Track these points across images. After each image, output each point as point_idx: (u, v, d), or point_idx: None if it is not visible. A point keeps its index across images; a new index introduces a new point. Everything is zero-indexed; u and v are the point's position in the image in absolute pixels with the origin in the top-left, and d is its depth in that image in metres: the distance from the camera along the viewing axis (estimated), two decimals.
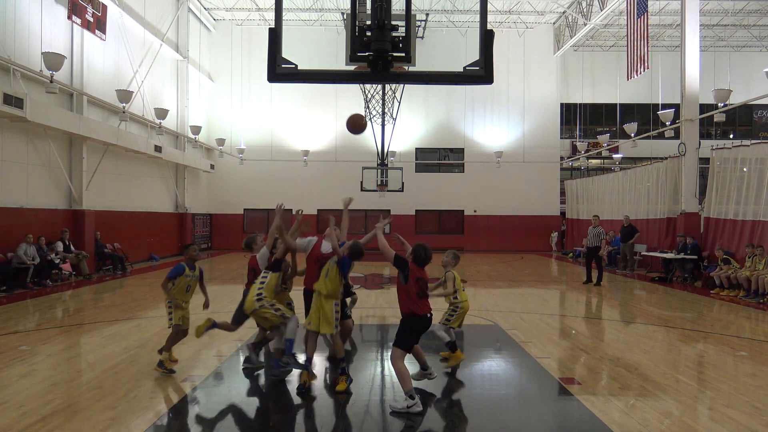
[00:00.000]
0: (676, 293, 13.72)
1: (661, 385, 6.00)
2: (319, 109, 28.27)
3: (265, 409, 5.57)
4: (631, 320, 10.21)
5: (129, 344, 7.69)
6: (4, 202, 13.55)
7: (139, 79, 19.44)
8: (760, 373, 6.57)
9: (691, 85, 16.56)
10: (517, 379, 6.47)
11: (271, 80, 4.86)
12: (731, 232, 14.63)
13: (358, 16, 5.75)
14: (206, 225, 27.85)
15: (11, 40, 13.67)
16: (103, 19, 16.28)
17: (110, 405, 5.30)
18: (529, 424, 5.02)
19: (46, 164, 15.15)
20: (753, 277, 12.25)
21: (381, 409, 5.37)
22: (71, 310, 11.25)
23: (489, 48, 4.74)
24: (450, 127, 28.80)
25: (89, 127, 15.84)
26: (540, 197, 28.73)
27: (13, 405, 5.24)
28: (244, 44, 27.99)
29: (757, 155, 14.13)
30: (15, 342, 7.80)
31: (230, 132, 27.87)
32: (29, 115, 13.00)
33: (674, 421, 5.00)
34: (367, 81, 13.78)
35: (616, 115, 29.58)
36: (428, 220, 28.64)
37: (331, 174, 27.98)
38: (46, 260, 13.80)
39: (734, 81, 26.10)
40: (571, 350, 7.76)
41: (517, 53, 28.29)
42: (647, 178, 19.53)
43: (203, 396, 5.72)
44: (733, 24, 27.20)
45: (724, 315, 10.88)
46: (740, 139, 27.49)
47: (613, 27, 27.18)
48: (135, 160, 19.99)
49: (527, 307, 11.29)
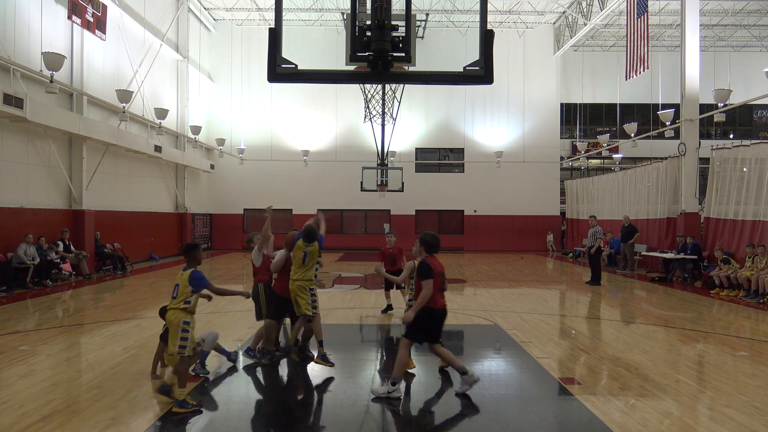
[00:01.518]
0: (676, 293, 13.72)
1: (661, 385, 6.00)
2: (319, 109, 28.28)
3: (265, 409, 5.57)
4: (631, 320, 10.21)
5: (129, 344, 7.69)
6: (4, 202, 13.55)
7: (139, 79, 19.44)
8: (760, 373, 6.57)
9: (691, 85, 16.56)
10: (517, 379, 6.47)
11: (271, 80, 4.86)
12: (731, 232, 14.63)
13: (358, 16, 5.75)
14: (206, 225, 27.85)
15: (11, 40, 13.67)
16: (103, 19, 16.28)
17: (110, 405, 5.30)
18: (529, 424, 5.02)
19: (46, 164, 15.15)
20: (753, 277, 12.25)
21: (381, 409, 5.37)
22: (71, 310, 11.24)
23: (489, 48, 4.74)
24: (450, 127, 28.81)
25: (89, 127, 15.84)
26: (540, 197, 28.73)
27: (13, 405, 5.23)
28: (244, 44, 28.00)
29: (757, 155, 14.12)
30: (15, 342, 7.80)
31: (230, 132, 27.87)
32: (29, 115, 13.00)
33: (674, 421, 5.00)
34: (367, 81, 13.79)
35: (616, 115, 29.58)
36: (428, 220, 28.63)
37: (331, 174, 27.99)
38: (46, 260, 13.80)
39: (734, 81, 26.11)
40: (571, 350, 7.76)
41: (517, 53, 28.29)
42: (647, 178, 19.53)
43: (203, 396, 5.71)
44: (733, 24, 27.21)
45: (724, 315, 10.88)
46: (740, 139, 27.52)
47: (613, 27, 27.18)
48: (135, 160, 19.99)
49: (527, 307, 11.29)
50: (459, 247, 28.12)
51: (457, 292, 13.75)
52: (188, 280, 5.37)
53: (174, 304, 5.38)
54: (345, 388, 5.99)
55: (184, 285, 5.38)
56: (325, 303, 9.82)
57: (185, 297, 5.37)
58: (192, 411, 5.12)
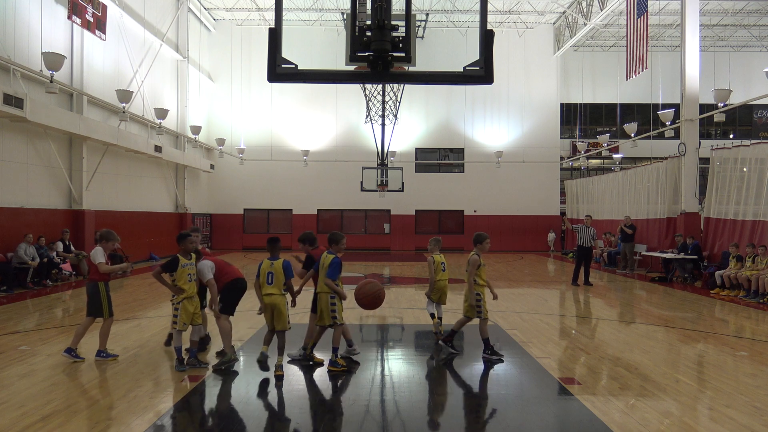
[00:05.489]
0: (676, 293, 13.72)
1: (661, 385, 6.00)
2: (319, 109, 28.28)
3: (265, 409, 5.57)
4: (631, 320, 10.21)
5: (129, 344, 7.69)
6: (4, 202, 13.55)
7: (139, 79, 19.44)
8: (760, 373, 6.57)
9: (691, 85, 16.56)
10: (517, 379, 6.47)
11: (271, 80, 4.85)
12: (731, 232, 14.63)
13: (358, 16, 5.74)
14: (206, 225, 27.85)
15: (11, 40, 13.67)
16: (103, 19, 16.28)
17: (110, 405, 5.30)
18: (529, 424, 5.02)
19: (46, 164, 15.15)
20: (753, 278, 12.25)
21: (381, 409, 5.37)
22: (71, 310, 11.23)
23: (489, 48, 4.74)
24: (450, 127, 28.81)
25: (89, 127, 15.84)
26: (540, 197, 28.74)
27: (13, 405, 5.23)
28: (244, 44, 28.01)
29: (757, 155, 14.13)
30: (15, 342, 7.80)
31: (230, 132, 27.88)
32: (29, 115, 13.00)
33: (674, 421, 4.99)
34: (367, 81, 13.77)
35: (616, 115, 29.58)
36: (428, 220, 28.65)
37: (331, 174, 28.00)
38: (45, 260, 13.79)
39: (734, 81, 26.11)
40: (571, 350, 7.76)
41: (517, 53, 28.30)
42: (647, 178, 19.53)
43: (203, 396, 5.72)
44: (733, 24, 27.21)
45: (724, 315, 10.87)
46: (740, 139, 27.53)
47: (613, 27, 27.19)
48: (135, 160, 19.99)
49: (527, 307, 11.29)
50: (459, 247, 28.08)
51: (457, 292, 13.74)
52: (282, 269, 6.28)
53: (271, 289, 6.24)
54: (345, 388, 5.99)
55: (279, 272, 6.25)
56: None
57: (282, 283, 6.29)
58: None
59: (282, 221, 28.22)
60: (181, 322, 6.38)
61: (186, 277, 6.42)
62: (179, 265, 6.41)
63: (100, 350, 6.86)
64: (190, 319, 6.49)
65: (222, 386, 6.06)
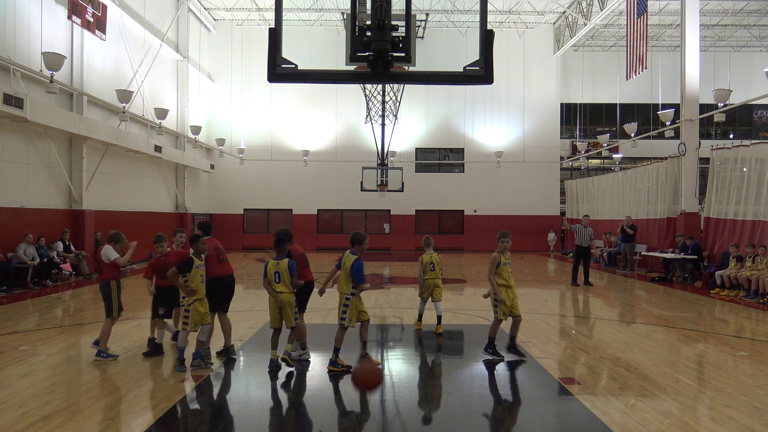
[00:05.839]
0: (676, 293, 13.72)
1: (661, 385, 6.00)
2: (319, 109, 28.29)
3: (264, 409, 5.57)
4: (631, 320, 10.21)
5: (129, 344, 7.70)
6: (4, 202, 13.55)
7: (139, 79, 19.44)
8: (760, 373, 6.57)
9: (691, 85, 16.56)
10: (517, 379, 6.47)
11: (271, 80, 4.85)
12: (731, 232, 14.62)
13: (358, 16, 5.74)
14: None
15: (11, 40, 13.67)
16: (103, 19, 16.28)
17: (110, 405, 5.30)
18: (529, 424, 5.02)
19: (46, 164, 15.15)
20: (753, 278, 12.25)
21: (381, 409, 5.37)
22: (71, 310, 11.24)
23: (489, 48, 4.74)
24: (450, 127, 28.81)
25: (89, 127, 15.84)
26: (540, 197, 28.74)
27: (13, 405, 5.23)
28: (244, 44, 28.01)
29: (757, 155, 14.12)
30: (15, 342, 7.81)
31: (230, 132, 27.88)
32: (29, 115, 13.00)
33: (674, 421, 4.99)
34: (367, 81, 13.78)
35: (616, 115, 29.58)
36: (428, 220, 28.65)
37: (331, 174, 28.00)
38: (46, 259, 13.79)
39: (734, 81, 26.11)
40: (571, 350, 7.76)
41: (517, 53, 28.30)
42: (647, 178, 19.53)
43: (203, 396, 5.72)
44: (733, 24, 27.22)
45: (724, 315, 10.88)
46: (740, 139, 27.52)
47: (613, 27, 27.19)
48: (135, 160, 19.99)
49: (527, 307, 11.28)
50: (459, 247, 28.13)
51: (457, 292, 13.76)
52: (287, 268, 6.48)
53: (281, 288, 6.44)
54: (345, 388, 5.99)
55: (285, 272, 6.45)
56: (325, 303, 9.82)
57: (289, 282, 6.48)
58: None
59: (282, 221, 28.19)
60: (192, 323, 6.45)
61: (199, 278, 6.49)
62: (193, 266, 6.45)
63: (100, 350, 6.87)
64: (201, 320, 6.54)
65: (222, 386, 6.07)
